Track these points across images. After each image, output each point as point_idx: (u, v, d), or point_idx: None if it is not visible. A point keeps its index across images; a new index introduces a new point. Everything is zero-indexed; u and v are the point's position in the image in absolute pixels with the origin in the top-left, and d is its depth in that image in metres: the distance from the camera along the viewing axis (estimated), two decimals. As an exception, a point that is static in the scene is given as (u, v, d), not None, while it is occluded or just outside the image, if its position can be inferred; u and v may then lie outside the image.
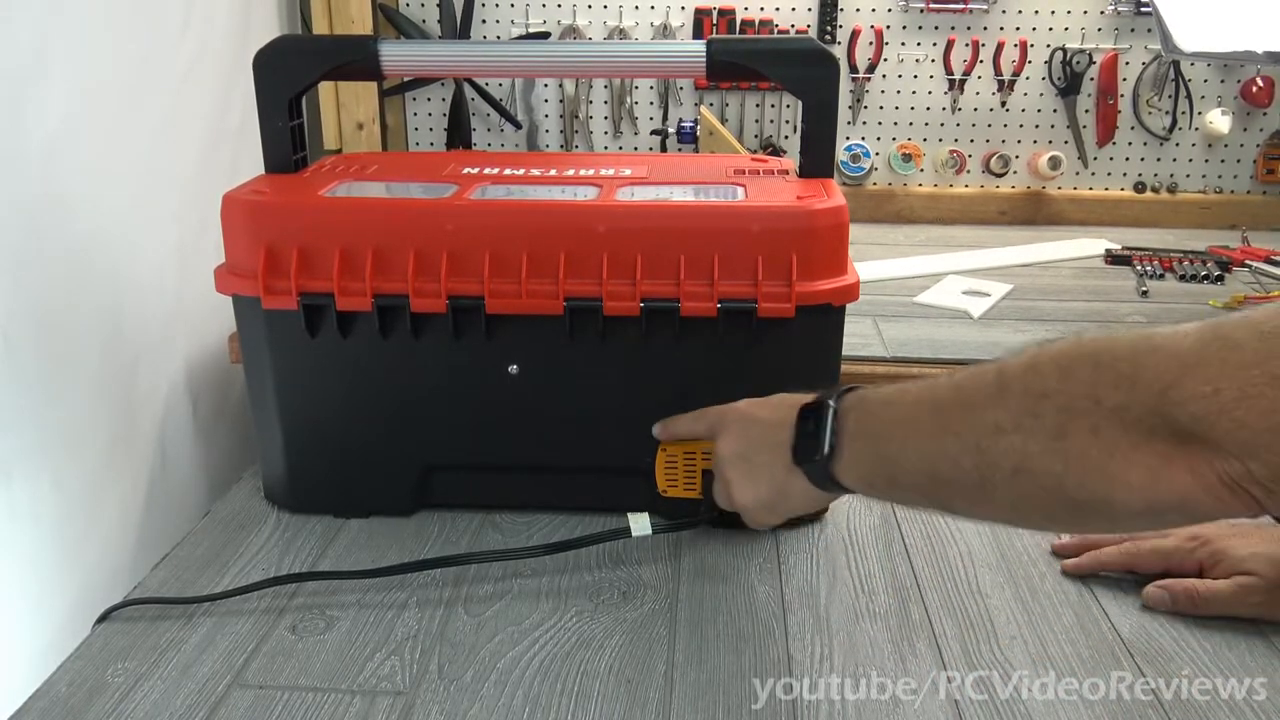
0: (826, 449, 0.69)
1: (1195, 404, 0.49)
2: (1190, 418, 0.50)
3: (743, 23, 1.88)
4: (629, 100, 1.93)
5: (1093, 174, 1.96)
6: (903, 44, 1.90)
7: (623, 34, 1.89)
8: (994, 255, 1.72)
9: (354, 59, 0.94)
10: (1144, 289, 1.54)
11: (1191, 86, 1.89)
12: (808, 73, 0.90)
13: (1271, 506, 0.50)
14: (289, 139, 0.94)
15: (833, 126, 0.92)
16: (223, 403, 1.36)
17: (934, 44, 1.89)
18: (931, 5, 1.85)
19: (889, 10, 1.87)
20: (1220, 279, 1.58)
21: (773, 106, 1.93)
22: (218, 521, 0.95)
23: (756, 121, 1.94)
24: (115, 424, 1.13)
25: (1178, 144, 1.93)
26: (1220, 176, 1.94)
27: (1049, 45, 1.88)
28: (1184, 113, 1.90)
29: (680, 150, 1.87)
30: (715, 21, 1.87)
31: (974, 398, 0.60)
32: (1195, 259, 1.65)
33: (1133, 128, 1.92)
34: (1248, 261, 1.64)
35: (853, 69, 1.90)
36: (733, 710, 0.71)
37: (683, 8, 1.87)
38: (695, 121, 1.84)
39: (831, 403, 0.70)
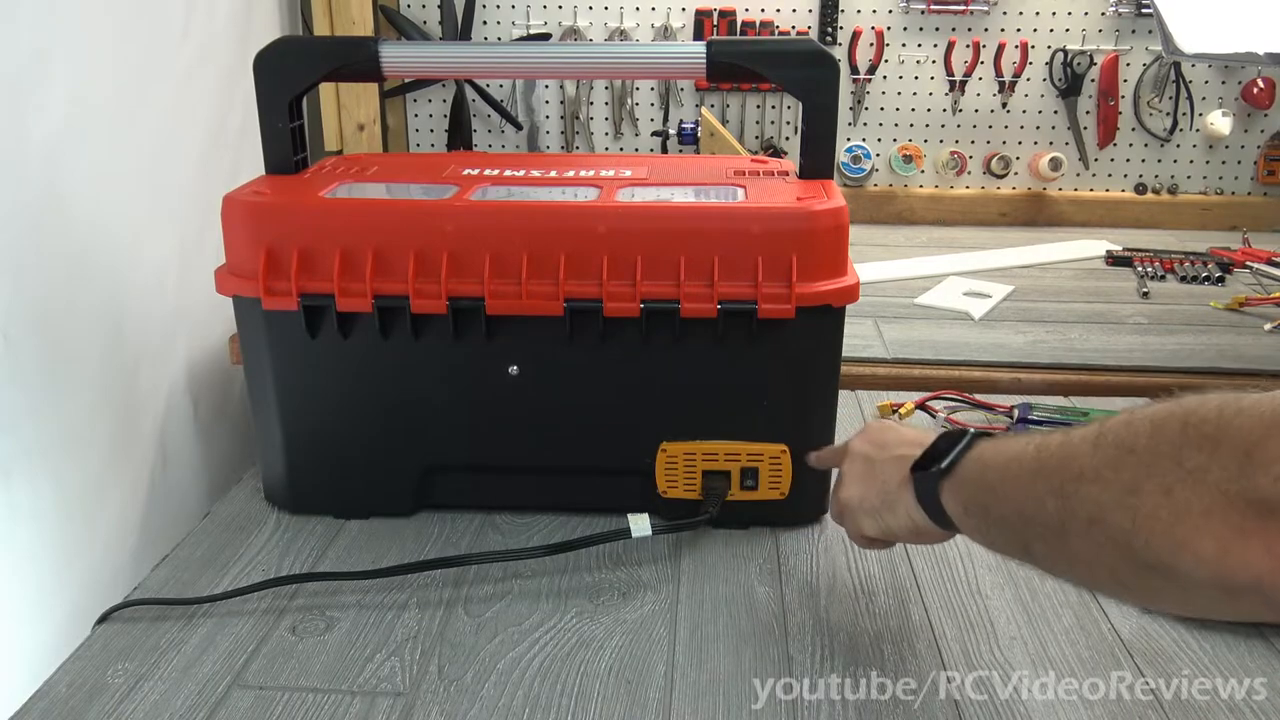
0: (946, 463, 0.68)
1: (1277, 466, 0.45)
2: (1272, 483, 0.45)
3: (743, 24, 1.88)
4: (630, 101, 1.94)
5: (1093, 175, 1.96)
6: (903, 45, 1.90)
7: (623, 35, 1.89)
8: (995, 256, 1.72)
9: (355, 60, 0.94)
10: (1145, 290, 1.54)
11: (1192, 88, 1.89)
12: (808, 74, 0.90)
13: None
14: (289, 140, 0.94)
15: (833, 128, 0.92)
16: (223, 403, 1.36)
17: (935, 45, 1.89)
18: (932, 6, 1.85)
19: (890, 11, 1.87)
20: (1221, 280, 1.58)
21: (773, 108, 1.93)
22: (218, 522, 0.95)
23: (757, 123, 1.94)
24: (116, 424, 1.13)
25: (1178, 145, 1.93)
26: (1221, 178, 1.94)
27: (1050, 46, 1.88)
28: (1185, 114, 1.90)
29: (681, 151, 1.87)
30: (716, 23, 1.87)
31: (1073, 447, 0.58)
32: (1196, 260, 1.65)
33: (1133, 129, 1.93)
34: (1249, 263, 1.64)
35: (853, 70, 1.90)
36: (733, 710, 0.71)
37: (683, 9, 1.87)
38: (696, 123, 1.84)
39: (971, 429, 0.69)
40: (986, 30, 1.88)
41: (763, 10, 1.87)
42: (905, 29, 1.89)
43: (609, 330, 0.86)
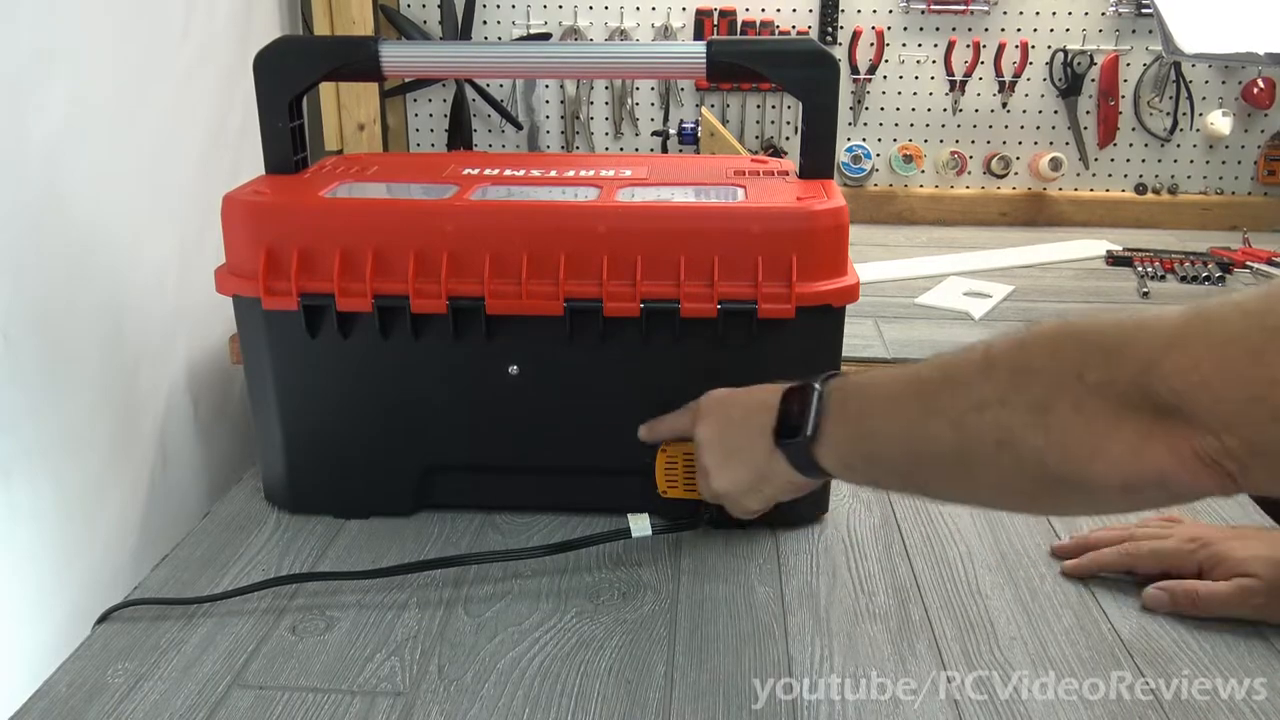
0: (810, 429, 0.69)
1: (1176, 379, 0.49)
2: (1170, 392, 0.50)
3: (744, 24, 1.88)
4: (630, 101, 1.94)
5: (1094, 175, 1.96)
6: (904, 45, 1.90)
7: (624, 35, 1.89)
8: (995, 256, 1.72)
9: (355, 60, 0.94)
10: (1145, 290, 1.54)
11: (1192, 88, 1.89)
12: (807, 74, 0.90)
13: (1245, 483, 0.50)
14: (290, 140, 0.94)
15: (833, 127, 0.92)
16: (223, 403, 1.36)
17: (935, 45, 1.89)
18: (932, 6, 1.85)
19: (890, 11, 1.87)
20: (1221, 280, 1.58)
21: (774, 108, 1.93)
22: (218, 522, 0.95)
23: (758, 122, 1.94)
24: (116, 424, 1.13)
25: (1179, 145, 1.93)
26: (1221, 178, 1.94)
27: (1050, 46, 1.88)
28: (1185, 114, 1.90)
29: (681, 151, 1.87)
30: (716, 23, 1.87)
31: (959, 375, 0.60)
32: (1196, 260, 1.65)
33: (1134, 129, 1.92)
34: (1249, 263, 1.64)
35: (854, 70, 1.90)
36: (733, 711, 0.71)
37: (683, 9, 1.87)
38: (696, 122, 1.84)
39: (817, 385, 0.70)
40: (987, 30, 1.88)
41: (763, 10, 1.87)
42: (905, 29, 1.89)
43: (609, 330, 0.86)
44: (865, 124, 1.95)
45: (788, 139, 1.94)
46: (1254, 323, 0.48)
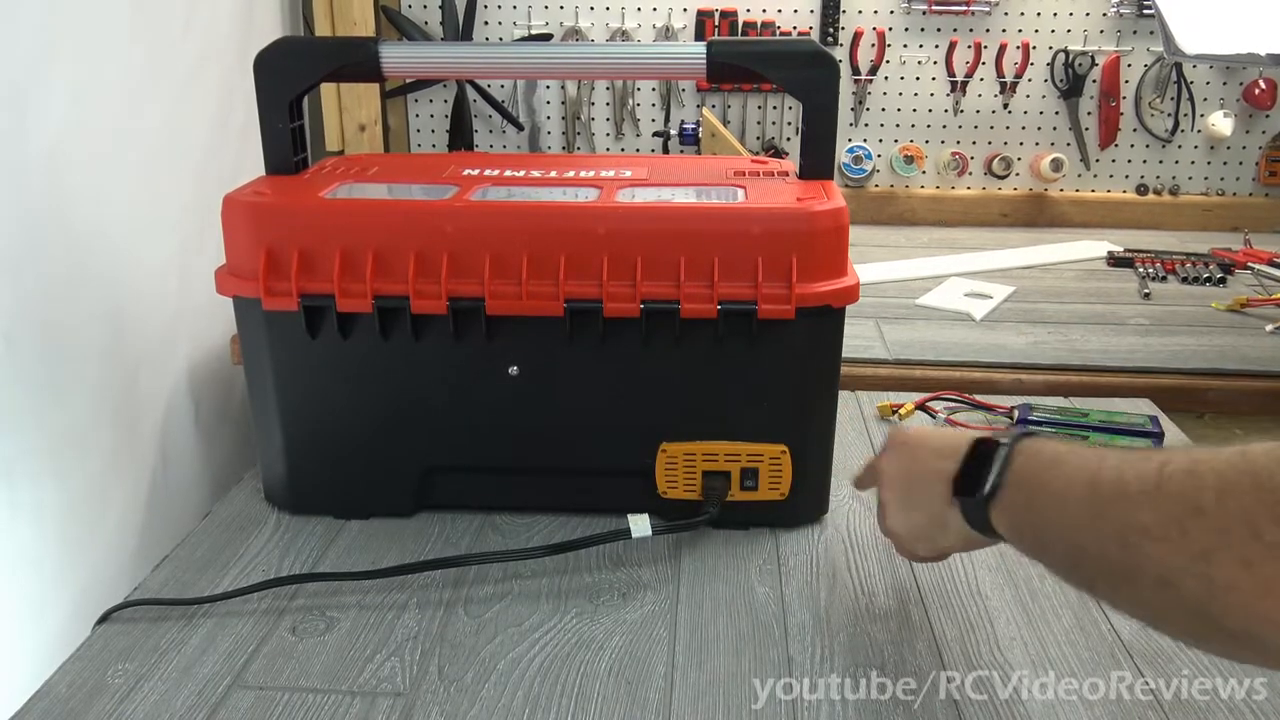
0: (989, 487, 0.65)
1: None
2: None
3: (744, 24, 1.88)
4: (631, 102, 1.94)
5: (1095, 176, 1.96)
6: (905, 46, 1.90)
7: (625, 36, 1.89)
8: (996, 257, 1.72)
9: (355, 60, 0.94)
10: (1146, 291, 1.54)
11: (1194, 89, 1.89)
12: (807, 74, 0.90)
13: None
14: (290, 140, 0.95)
15: (833, 128, 0.92)
16: (224, 404, 1.36)
17: (936, 46, 1.89)
18: (934, 7, 1.85)
19: (891, 12, 1.87)
20: (1223, 281, 1.58)
21: (774, 108, 1.93)
22: (218, 522, 0.95)
23: (758, 123, 1.94)
24: (117, 425, 1.13)
25: (1180, 146, 1.93)
26: (1222, 179, 1.94)
27: (1051, 47, 1.88)
28: (1186, 115, 1.90)
29: (682, 152, 1.87)
30: (717, 23, 1.88)
31: (1131, 486, 0.54)
32: (1198, 261, 1.65)
33: (1135, 130, 1.92)
34: (1250, 264, 1.64)
35: (855, 71, 1.90)
36: (733, 711, 0.71)
37: (685, 9, 1.87)
38: (697, 123, 1.84)
39: (1005, 441, 0.66)
40: (988, 31, 1.88)
41: (764, 11, 1.87)
42: (906, 29, 1.89)
43: (609, 331, 0.86)
44: (866, 125, 1.95)
45: (788, 139, 1.94)
46: None
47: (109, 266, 1.11)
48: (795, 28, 1.88)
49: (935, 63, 1.90)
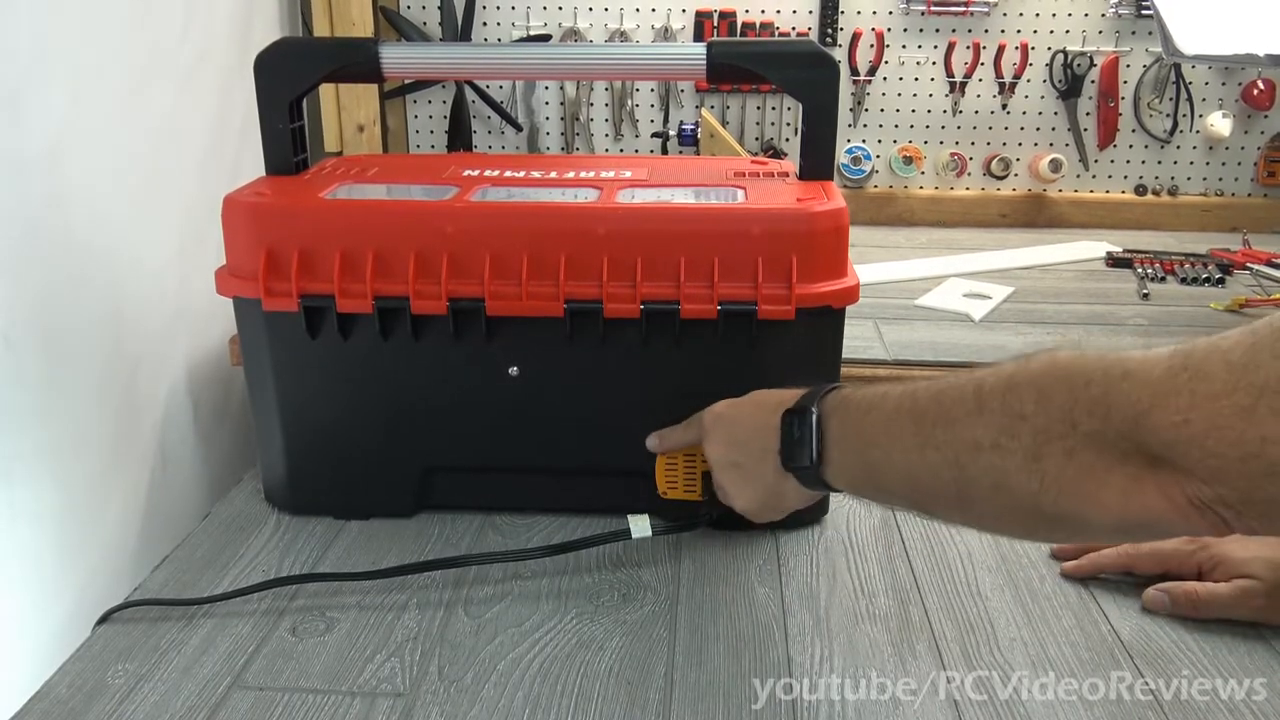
0: (814, 456, 0.71)
1: (1166, 433, 0.51)
2: (1162, 445, 0.51)
3: (744, 25, 1.88)
4: (630, 103, 1.94)
5: (1093, 176, 1.96)
6: (904, 46, 1.90)
7: (623, 36, 1.89)
8: (995, 258, 1.72)
9: (355, 61, 0.94)
10: (1145, 292, 1.54)
11: (1192, 89, 1.89)
12: (807, 75, 0.91)
13: (1239, 527, 0.51)
14: (290, 141, 0.95)
15: (833, 129, 0.92)
16: (223, 405, 1.36)
17: (935, 46, 1.89)
18: (932, 8, 1.85)
19: (890, 13, 1.87)
20: (1222, 282, 1.58)
21: (774, 109, 1.93)
22: (218, 523, 0.95)
23: (758, 124, 1.94)
24: (116, 426, 1.13)
25: (1179, 146, 1.93)
26: (1221, 179, 1.94)
27: (1050, 48, 1.88)
28: (1185, 115, 1.90)
29: (681, 152, 1.87)
30: (716, 24, 1.87)
31: (953, 411, 0.61)
32: (1196, 261, 1.65)
33: (1134, 130, 1.93)
34: (1249, 264, 1.64)
35: (854, 71, 1.90)
36: (733, 711, 0.71)
37: (683, 10, 1.87)
38: (696, 124, 1.84)
39: (814, 408, 0.71)
40: (987, 31, 1.88)
41: (763, 11, 1.87)
42: (905, 30, 1.89)
43: (609, 331, 0.86)
44: (865, 125, 1.95)
45: (788, 140, 1.94)
46: (1240, 378, 0.48)
47: (108, 267, 1.11)
48: (794, 28, 1.88)
49: (934, 63, 1.90)
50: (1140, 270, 1.64)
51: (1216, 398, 0.49)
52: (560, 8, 1.88)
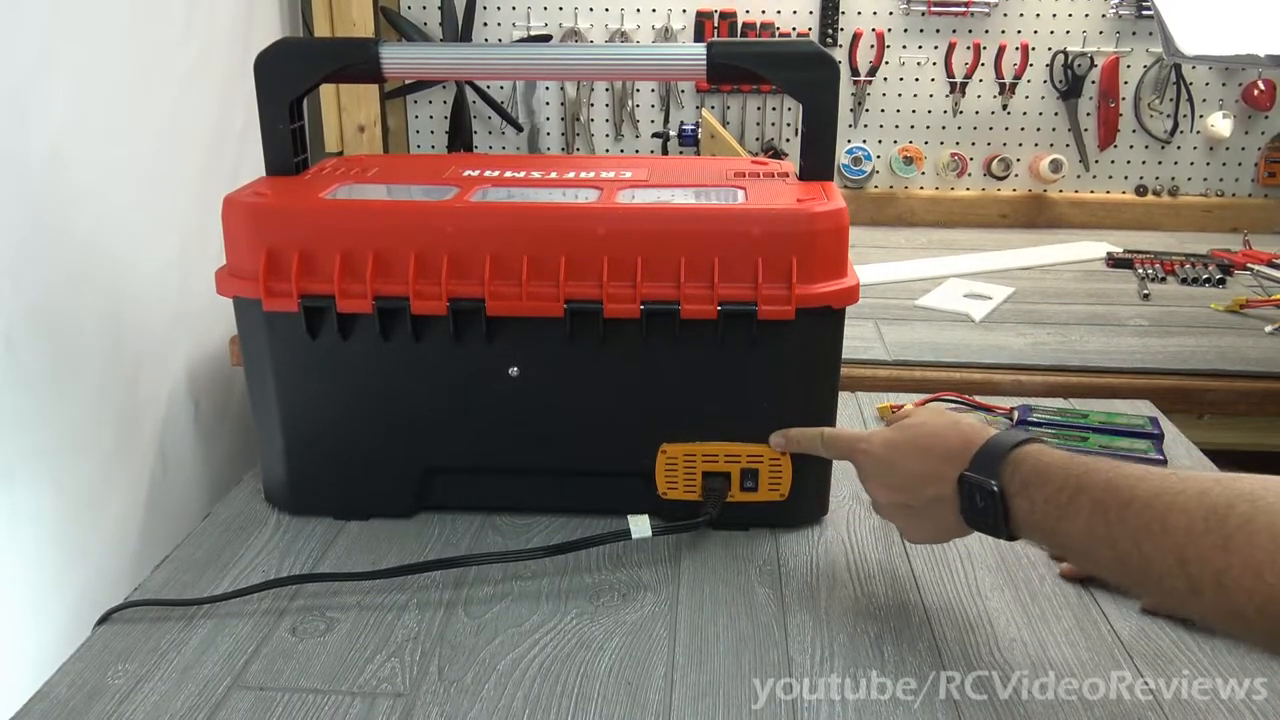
0: (1002, 533, 0.70)
1: None
2: None
3: (744, 25, 1.88)
4: (630, 103, 1.94)
5: (1094, 177, 1.96)
6: (904, 47, 1.90)
7: (624, 37, 1.89)
8: (995, 258, 1.72)
9: (355, 61, 0.94)
10: (1146, 292, 1.54)
11: (1193, 89, 1.89)
12: (807, 76, 0.91)
13: None
14: (290, 141, 0.95)
15: (833, 129, 0.92)
16: (224, 405, 1.36)
17: (935, 47, 1.89)
18: (933, 8, 1.86)
19: (890, 13, 1.87)
20: (1222, 282, 1.59)
21: (774, 109, 1.93)
22: (218, 523, 0.95)
23: (758, 124, 1.94)
24: (117, 426, 1.13)
25: (1179, 147, 1.93)
26: (1221, 179, 1.94)
27: (1050, 48, 1.89)
28: (1185, 116, 1.90)
29: (681, 153, 1.87)
30: (716, 24, 1.88)
31: (1155, 567, 0.60)
32: (1197, 262, 1.65)
33: (1134, 131, 1.93)
34: (1250, 264, 1.64)
35: (854, 72, 1.90)
36: (733, 711, 0.71)
37: (684, 10, 1.87)
38: (696, 124, 1.84)
39: (995, 485, 0.70)
40: (987, 32, 1.88)
41: (763, 12, 1.87)
42: (906, 30, 1.89)
43: (609, 332, 0.86)
44: (865, 126, 1.95)
45: (788, 141, 1.94)
46: None
47: (109, 268, 1.11)
48: (795, 29, 1.89)
49: (934, 64, 1.90)
50: (1141, 271, 1.64)
51: None
52: (560, 8, 1.89)
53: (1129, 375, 1.27)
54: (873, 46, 1.89)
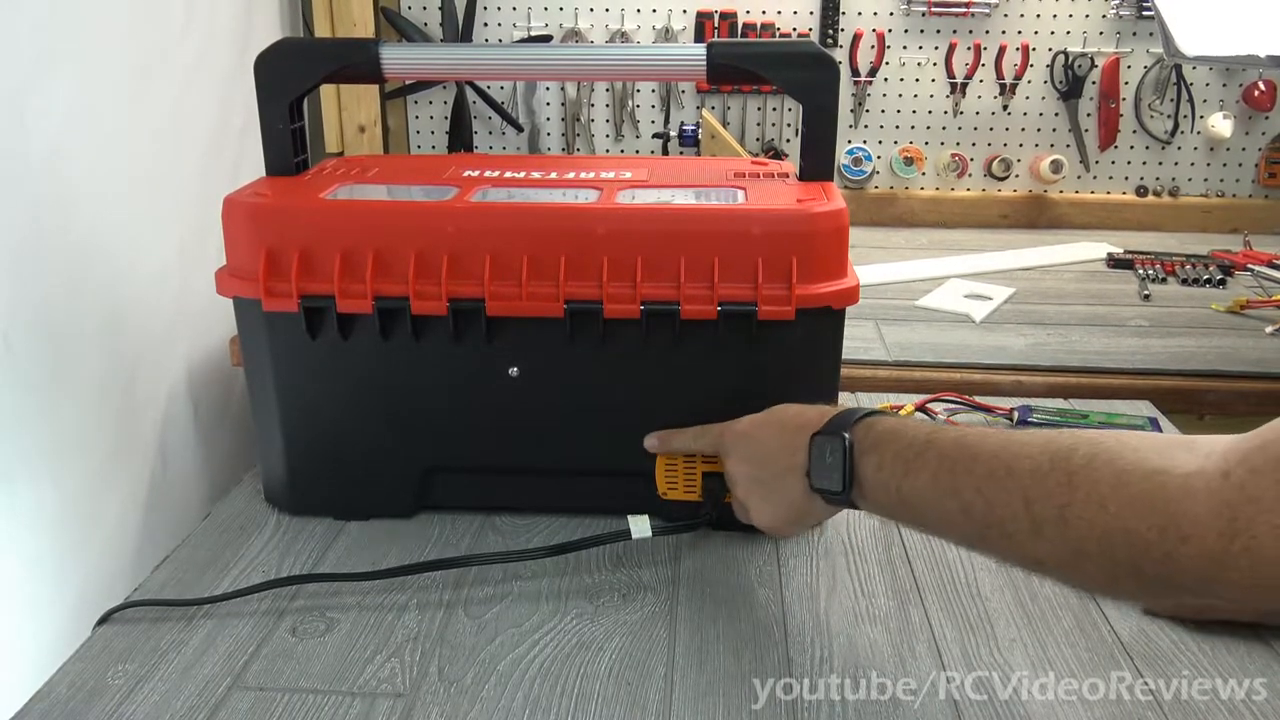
0: (846, 481, 0.71)
1: (1228, 595, 0.53)
2: (1209, 594, 0.54)
3: (744, 26, 1.88)
4: (631, 103, 1.94)
5: (1094, 177, 1.96)
6: (904, 47, 1.90)
7: (624, 37, 1.89)
8: (996, 259, 1.72)
9: (355, 61, 0.94)
10: (1146, 293, 1.54)
11: (1193, 90, 1.89)
12: (807, 76, 0.91)
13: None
14: (290, 141, 0.95)
15: (833, 129, 0.92)
16: (223, 405, 1.36)
17: (936, 47, 1.89)
18: (933, 9, 1.86)
19: (891, 14, 1.87)
20: (1223, 283, 1.59)
21: (774, 110, 1.93)
22: (218, 523, 0.95)
23: (758, 125, 1.94)
24: (116, 426, 1.13)
25: (1179, 148, 1.93)
26: (1222, 180, 1.94)
27: (1051, 49, 1.89)
28: (1186, 116, 1.90)
29: (682, 153, 1.87)
30: (717, 25, 1.88)
31: (1003, 516, 0.61)
32: (1197, 262, 1.65)
33: (1134, 131, 1.93)
34: (1250, 265, 1.64)
35: (854, 72, 1.90)
36: (732, 711, 0.71)
37: (684, 11, 1.87)
38: (697, 124, 1.84)
39: (846, 434, 0.71)
40: (988, 33, 1.88)
41: (764, 12, 1.88)
42: (906, 31, 1.89)
43: (609, 332, 0.86)
44: (866, 126, 1.95)
45: (788, 141, 1.94)
46: None
47: (109, 268, 1.11)
48: (795, 29, 1.89)
49: (935, 64, 1.90)
50: (1141, 271, 1.64)
51: (1274, 563, 0.49)
52: (561, 8, 1.89)
53: (1129, 376, 1.27)
54: (873, 47, 1.89)
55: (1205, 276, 1.59)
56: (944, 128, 1.95)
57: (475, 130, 1.96)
